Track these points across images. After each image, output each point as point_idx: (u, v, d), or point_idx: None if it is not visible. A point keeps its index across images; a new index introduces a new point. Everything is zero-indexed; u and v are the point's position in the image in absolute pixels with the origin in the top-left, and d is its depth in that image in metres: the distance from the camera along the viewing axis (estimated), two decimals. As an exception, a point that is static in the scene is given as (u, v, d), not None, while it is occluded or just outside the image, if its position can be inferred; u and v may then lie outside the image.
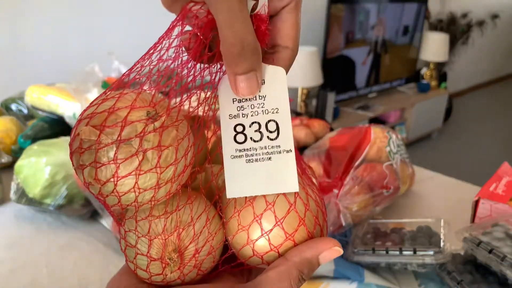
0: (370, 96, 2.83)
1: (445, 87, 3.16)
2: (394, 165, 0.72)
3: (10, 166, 0.87)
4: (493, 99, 4.16)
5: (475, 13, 3.52)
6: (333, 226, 0.65)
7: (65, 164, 0.72)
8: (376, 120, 2.62)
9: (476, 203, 0.61)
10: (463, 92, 4.14)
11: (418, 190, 0.86)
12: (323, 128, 0.96)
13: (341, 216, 0.65)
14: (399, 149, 0.77)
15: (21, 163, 0.73)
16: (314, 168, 0.74)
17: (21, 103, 1.08)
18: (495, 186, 0.63)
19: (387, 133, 0.77)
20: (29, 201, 0.73)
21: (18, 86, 1.12)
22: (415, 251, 0.56)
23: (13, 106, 1.08)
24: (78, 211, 0.74)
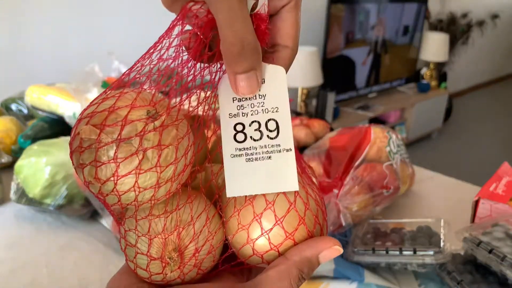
0: (370, 96, 2.83)
1: (445, 87, 3.16)
2: (394, 165, 0.72)
3: (10, 166, 0.87)
4: (493, 99, 4.16)
5: (475, 13, 3.52)
6: (333, 226, 0.65)
7: (65, 164, 0.73)
8: (376, 120, 2.62)
9: (476, 203, 0.61)
10: (463, 92, 4.14)
11: (418, 190, 0.86)
12: (323, 128, 0.96)
13: (341, 216, 0.65)
14: (399, 149, 0.77)
15: (21, 163, 0.73)
16: (314, 168, 0.74)
17: (21, 103, 1.08)
18: (495, 186, 0.63)
19: (387, 133, 0.77)
20: (29, 201, 0.73)
21: (18, 86, 1.12)
22: (415, 251, 0.56)
23: (13, 106, 1.08)
24: (78, 211, 0.74)
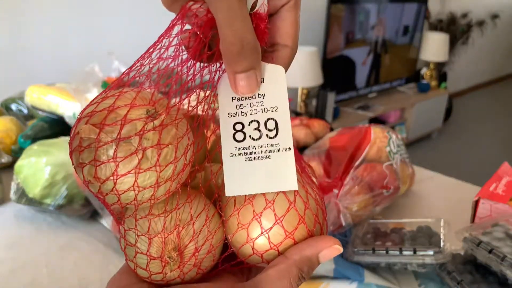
0: (370, 96, 2.83)
1: (445, 87, 3.16)
2: (394, 165, 0.72)
3: (10, 166, 0.87)
4: (493, 99, 4.16)
5: (475, 13, 3.52)
6: (333, 226, 0.65)
7: (65, 164, 0.72)
8: (376, 120, 2.62)
9: (476, 203, 0.61)
10: (463, 92, 4.14)
11: (418, 190, 0.86)
12: (323, 128, 0.96)
13: (341, 216, 0.65)
14: (399, 149, 0.77)
15: (21, 163, 0.73)
16: (314, 168, 0.74)
17: (21, 103, 1.08)
18: (495, 186, 0.63)
19: (387, 133, 0.77)
20: (29, 201, 0.73)
21: (18, 86, 1.12)
22: (415, 251, 0.56)
23: (13, 106, 1.08)
24: (78, 211, 0.74)
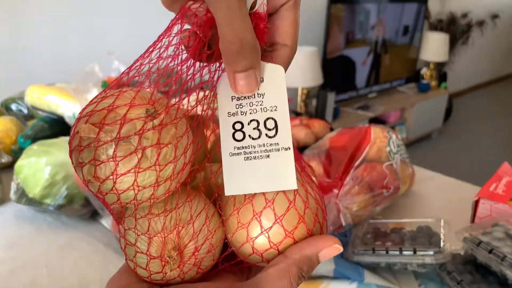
0: (370, 96, 2.83)
1: (445, 87, 3.16)
2: (394, 165, 0.72)
3: (10, 166, 0.87)
4: (493, 99, 4.16)
5: (475, 13, 3.52)
6: (333, 226, 0.65)
7: (65, 164, 0.72)
8: (376, 120, 2.62)
9: (476, 203, 0.61)
10: (463, 92, 4.14)
11: (418, 190, 0.86)
12: (323, 128, 0.96)
13: (341, 216, 0.65)
14: (399, 149, 0.77)
15: (21, 163, 0.73)
16: (314, 168, 0.74)
17: (21, 103, 1.08)
18: (495, 186, 0.62)
19: (387, 133, 0.77)
20: (29, 201, 0.73)
21: (18, 86, 1.12)
22: (415, 251, 0.56)
23: (13, 106, 1.08)
24: (78, 211, 0.74)
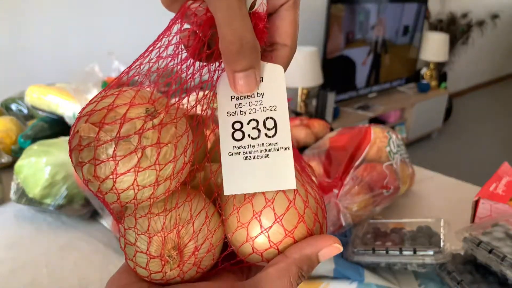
0: (370, 96, 2.83)
1: (445, 87, 3.16)
2: (394, 165, 0.72)
3: (10, 166, 0.87)
4: (493, 99, 4.16)
5: (475, 13, 3.52)
6: (333, 226, 0.65)
7: (65, 164, 0.72)
8: (376, 120, 2.62)
9: (476, 203, 0.61)
10: (463, 92, 4.14)
11: (418, 190, 0.86)
12: (323, 128, 0.96)
13: (341, 216, 0.65)
14: (399, 149, 0.77)
15: (21, 163, 0.73)
16: (314, 168, 0.74)
17: (21, 103, 1.08)
18: (495, 186, 0.62)
19: (387, 133, 0.77)
20: (29, 201, 0.73)
21: (18, 86, 1.12)
22: (415, 251, 0.56)
23: (13, 106, 1.08)
24: (78, 211, 0.74)
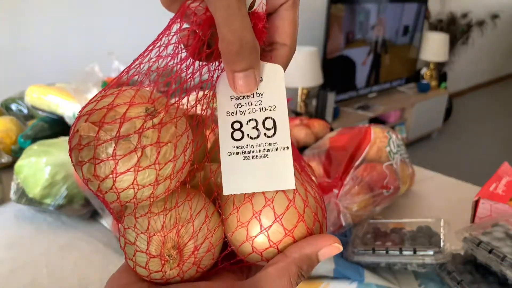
0: (370, 96, 2.83)
1: (445, 87, 3.16)
2: (394, 165, 0.72)
3: (10, 166, 0.87)
4: (493, 99, 4.16)
5: (475, 13, 3.52)
6: (333, 226, 0.65)
7: (65, 164, 0.73)
8: (376, 120, 2.62)
9: (476, 203, 0.61)
10: (463, 92, 4.14)
11: (418, 190, 0.86)
12: (323, 128, 0.96)
13: (341, 216, 0.65)
14: (399, 149, 0.77)
15: (21, 163, 0.73)
16: (314, 168, 0.74)
17: (21, 103, 1.08)
18: (495, 186, 0.62)
19: (387, 133, 0.77)
20: (29, 201, 0.73)
21: (18, 86, 1.12)
22: (415, 251, 0.56)
23: (13, 106, 1.08)
24: (78, 211, 0.74)
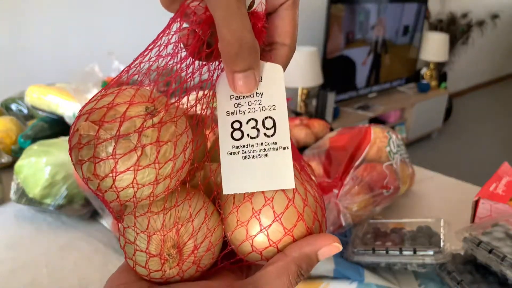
0: (370, 96, 2.83)
1: (445, 87, 3.16)
2: (394, 165, 0.72)
3: (10, 166, 0.87)
4: (493, 99, 4.16)
5: (475, 13, 3.52)
6: (333, 226, 0.65)
7: (65, 164, 0.73)
8: (376, 120, 2.62)
9: (476, 203, 0.61)
10: (463, 92, 4.14)
11: (418, 190, 0.86)
12: (323, 128, 0.96)
13: (341, 216, 0.65)
14: (399, 149, 0.77)
15: (21, 163, 0.73)
16: (314, 168, 0.74)
17: (21, 103, 1.08)
18: (495, 186, 0.62)
19: (387, 133, 0.77)
20: (29, 201, 0.73)
21: (18, 86, 1.12)
22: (415, 251, 0.56)
23: (13, 106, 1.09)
24: (78, 211, 0.74)
